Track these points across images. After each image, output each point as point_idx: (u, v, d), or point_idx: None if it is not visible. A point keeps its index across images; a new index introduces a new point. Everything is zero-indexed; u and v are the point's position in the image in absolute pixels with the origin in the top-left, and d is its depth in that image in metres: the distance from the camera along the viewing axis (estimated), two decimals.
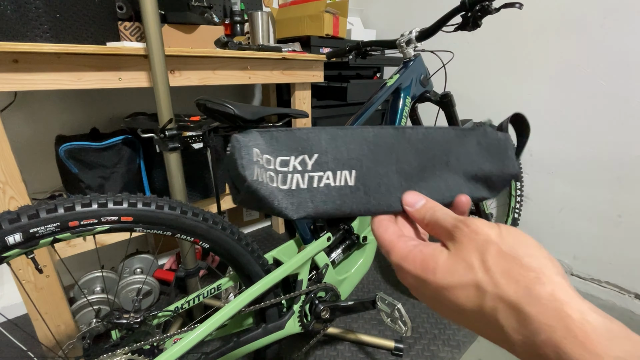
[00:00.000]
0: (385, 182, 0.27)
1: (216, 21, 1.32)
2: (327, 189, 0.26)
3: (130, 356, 0.66)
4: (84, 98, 1.25)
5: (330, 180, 0.26)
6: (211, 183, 1.26)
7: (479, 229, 0.21)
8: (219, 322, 0.71)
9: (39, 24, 0.79)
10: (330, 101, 1.55)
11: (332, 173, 0.26)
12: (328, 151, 0.26)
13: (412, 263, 0.23)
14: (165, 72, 0.89)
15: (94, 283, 1.16)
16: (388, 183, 0.27)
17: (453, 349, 1.08)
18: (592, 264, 1.35)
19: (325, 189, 0.26)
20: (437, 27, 0.82)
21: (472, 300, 0.20)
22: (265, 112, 0.81)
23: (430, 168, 0.29)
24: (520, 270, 0.19)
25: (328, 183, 0.26)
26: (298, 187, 0.26)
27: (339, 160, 0.26)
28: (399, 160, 0.28)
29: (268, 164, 0.25)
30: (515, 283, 0.18)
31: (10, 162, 0.78)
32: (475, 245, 0.20)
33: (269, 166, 0.25)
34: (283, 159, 0.26)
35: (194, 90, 1.49)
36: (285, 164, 0.26)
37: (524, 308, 0.18)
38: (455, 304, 0.21)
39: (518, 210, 1.45)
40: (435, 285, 0.21)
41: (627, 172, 1.20)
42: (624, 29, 1.12)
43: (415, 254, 0.23)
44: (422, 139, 0.29)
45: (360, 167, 0.27)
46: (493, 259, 0.19)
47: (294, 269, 0.82)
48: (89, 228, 0.53)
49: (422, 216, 0.26)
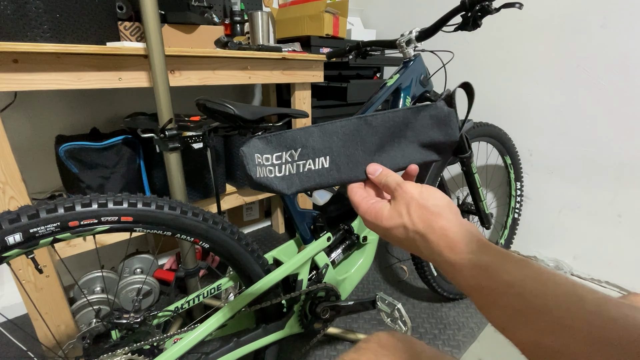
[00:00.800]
0: (352, 160, 0.38)
1: (216, 21, 1.32)
2: (310, 172, 0.38)
3: (130, 356, 0.66)
4: (84, 98, 1.25)
5: (311, 166, 0.37)
6: (211, 183, 1.26)
7: (408, 190, 0.33)
8: (219, 322, 0.71)
9: (39, 24, 0.79)
10: (330, 101, 1.55)
11: (312, 160, 0.37)
12: (308, 145, 0.37)
13: (369, 215, 0.36)
14: (165, 72, 0.89)
15: (94, 283, 1.16)
16: (355, 160, 0.38)
17: (453, 349, 1.08)
18: (592, 264, 1.35)
19: (308, 172, 0.38)
20: (437, 27, 0.82)
21: (402, 234, 0.33)
22: (265, 112, 0.81)
23: (389, 143, 0.39)
24: (428, 214, 0.31)
25: (310, 168, 0.37)
26: (290, 172, 0.37)
27: (316, 150, 0.37)
28: (363, 141, 0.38)
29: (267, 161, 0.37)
30: (424, 222, 0.31)
31: (10, 162, 0.78)
32: (404, 201, 0.33)
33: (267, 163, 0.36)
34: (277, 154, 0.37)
35: (194, 90, 1.49)
36: (279, 157, 0.37)
37: (427, 235, 0.31)
38: (395, 237, 0.34)
39: (518, 210, 1.45)
40: (383, 227, 0.34)
41: (627, 172, 1.20)
42: (624, 29, 1.12)
43: (372, 209, 0.36)
44: (380, 122, 0.38)
45: (332, 152, 0.38)
46: (414, 209, 0.32)
47: (294, 269, 0.82)
48: (89, 228, 0.53)
49: (379, 181, 0.38)
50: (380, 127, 0.38)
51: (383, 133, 0.38)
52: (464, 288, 0.29)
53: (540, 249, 1.50)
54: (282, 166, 0.37)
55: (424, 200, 0.32)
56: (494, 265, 0.27)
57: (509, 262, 0.27)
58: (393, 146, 0.39)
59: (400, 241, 0.34)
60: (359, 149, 0.38)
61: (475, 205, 1.25)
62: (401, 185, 0.34)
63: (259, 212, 1.87)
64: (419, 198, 0.32)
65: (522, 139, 1.42)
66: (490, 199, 1.61)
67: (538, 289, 0.24)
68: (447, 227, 0.30)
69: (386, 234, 0.35)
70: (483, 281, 0.27)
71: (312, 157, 0.37)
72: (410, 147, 0.39)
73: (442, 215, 0.31)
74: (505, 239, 1.46)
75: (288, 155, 0.37)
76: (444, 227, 0.30)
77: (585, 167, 1.29)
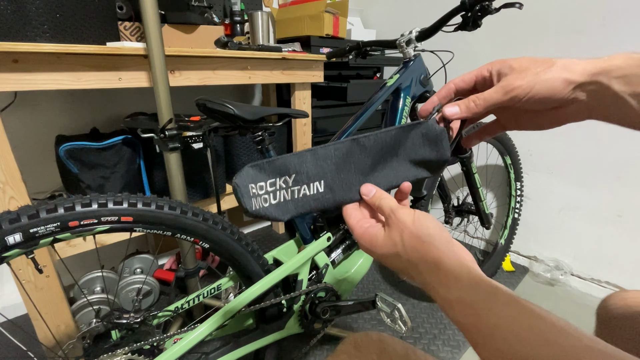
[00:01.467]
0: (347, 182, 0.38)
1: (216, 21, 1.32)
2: (305, 198, 0.38)
3: (130, 356, 0.66)
4: (84, 98, 1.25)
5: (306, 191, 0.37)
6: (211, 183, 1.26)
7: (401, 218, 0.33)
8: (219, 322, 0.71)
9: (39, 24, 0.79)
10: (330, 101, 1.55)
11: (307, 186, 0.37)
12: (301, 170, 0.37)
13: (364, 240, 0.35)
14: (165, 72, 0.89)
15: (94, 283, 1.16)
16: (349, 182, 0.38)
17: (453, 349, 1.08)
18: (592, 264, 1.35)
19: (303, 198, 0.37)
20: (437, 27, 0.82)
21: (396, 262, 0.33)
22: (265, 112, 0.81)
23: (382, 162, 0.39)
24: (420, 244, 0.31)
25: (305, 193, 0.37)
26: (285, 199, 0.37)
27: (310, 175, 0.37)
28: (356, 163, 0.38)
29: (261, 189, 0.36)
30: (417, 252, 0.31)
31: (10, 162, 0.78)
32: (398, 230, 0.33)
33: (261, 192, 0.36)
34: (271, 181, 0.37)
35: (194, 90, 1.49)
36: (273, 184, 0.37)
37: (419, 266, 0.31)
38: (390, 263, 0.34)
39: (518, 210, 1.45)
40: (378, 254, 0.34)
41: (627, 172, 1.20)
42: (625, 29, 1.12)
43: (366, 234, 0.35)
44: (373, 143, 0.38)
45: (326, 177, 0.38)
46: (407, 238, 0.32)
47: (294, 269, 0.82)
48: (89, 228, 0.53)
49: (372, 202, 0.37)
50: (373, 148, 0.38)
51: (376, 153, 0.38)
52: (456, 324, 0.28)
53: (540, 249, 1.50)
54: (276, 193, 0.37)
55: (416, 229, 0.31)
56: (482, 304, 0.26)
57: (497, 301, 0.26)
58: (385, 166, 0.39)
59: (396, 267, 0.34)
60: (353, 171, 0.38)
61: (475, 205, 1.25)
62: (395, 212, 0.33)
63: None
64: (411, 227, 0.32)
65: (522, 139, 1.42)
66: (490, 199, 1.61)
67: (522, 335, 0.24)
68: (439, 259, 0.29)
69: (381, 259, 0.35)
70: (471, 320, 0.26)
71: (307, 182, 0.37)
72: (402, 165, 0.40)
73: (434, 245, 0.30)
74: (505, 239, 1.46)
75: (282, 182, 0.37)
76: (435, 258, 0.30)
77: (585, 167, 1.29)
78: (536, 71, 0.31)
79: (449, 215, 1.30)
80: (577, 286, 1.38)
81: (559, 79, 0.31)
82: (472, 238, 1.72)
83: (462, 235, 1.74)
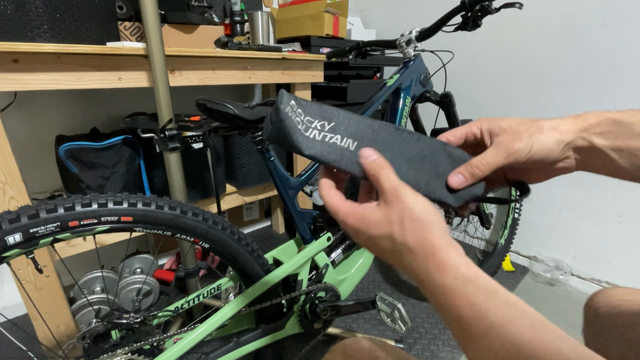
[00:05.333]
0: None
1: (216, 21, 1.32)
2: (334, 145, 0.34)
3: (130, 356, 0.66)
4: (84, 98, 1.25)
5: (337, 141, 0.34)
6: (211, 183, 1.26)
7: (405, 198, 0.30)
8: (219, 322, 0.71)
9: (39, 24, 0.79)
10: (330, 101, 1.55)
11: (341, 137, 0.35)
12: (342, 123, 0.35)
13: (354, 218, 0.32)
14: (165, 72, 0.89)
15: (94, 283, 1.16)
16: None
17: (453, 349, 1.08)
18: (592, 264, 1.35)
19: (332, 144, 0.34)
20: (437, 27, 0.82)
21: (388, 244, 0.30)
22: (265, 112, 0.81)
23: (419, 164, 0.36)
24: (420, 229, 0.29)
25: (335, 142, 0.34)
26: (314, 137, 0.34)
27: (348, 131, 0.35)
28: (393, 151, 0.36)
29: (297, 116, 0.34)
30: (415, 236, 0.29)
31: (10, 162, 0.78)
32: (398, 209, 0.30)
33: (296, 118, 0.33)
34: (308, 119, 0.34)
35: (194, 90, 1.49)
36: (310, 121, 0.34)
37: (415, 251, 0.28)
38: (379, 245, 0.31)
39: (518, 210, 1.45)
40: (368, 234, 0.31)
41: None
42: (625, 29, 1.12)
43: (357, 212, 0.32)
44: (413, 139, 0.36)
45: (362, 141, 0.35)
46: (406, 220, 0.29)
47: (294, 269, 0.82)
48: (89, 228, 0.53)
49: (369, 168, 0.33)
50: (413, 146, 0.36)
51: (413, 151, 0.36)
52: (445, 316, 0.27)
53: (540, 249, 1.50)
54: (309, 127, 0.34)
55: (418, 212, 0.29)
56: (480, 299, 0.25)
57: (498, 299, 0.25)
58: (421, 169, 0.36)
59: (384, 252, 0.31)
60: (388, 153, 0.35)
61: (476, 206, 1.25)
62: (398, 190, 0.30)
63: (259, 212, 1.87)
64: (413, 208, 0.29)
65: None
66: None
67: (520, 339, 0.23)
68: (438, 245, 0.28)
69: (369, 242, 0.32)
70: (465, 313, 0.25)
71: (343, 134, 0.35)
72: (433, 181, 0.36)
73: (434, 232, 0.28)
74: (505, 239, 1.46)
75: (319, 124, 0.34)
76: (434, 244, 0.28)
77: None
78: (530, 133, 0.34)
79: (448, 215, 1.30)
80: (577, 286, 1.38)
81: (552, 139, 0.33)
82: (472, 238, 1.72)
83: (462, 235, 1.74)
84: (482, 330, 0.24)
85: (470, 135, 0.38)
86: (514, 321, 0.24)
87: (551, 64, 1.30)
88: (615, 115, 0.32)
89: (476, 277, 0.26)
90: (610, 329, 0.50)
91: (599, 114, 0.33)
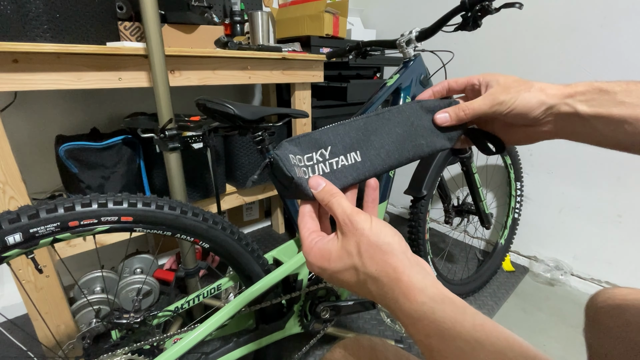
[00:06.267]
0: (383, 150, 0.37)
1: (216, 21, 1.32)
2: (344, 168, 0.36)
3: (130, 356, 0.66)
4: (84, 98, 1.25)
5: (344, 162, 0.36)
6: (211, 183, 1.26)
7: (358, 225, 0.29)
8: (219, 322, 0.71)
9: (39, 24, 0.79)
10: (330, 101, 1.55)
11: (344, 156, 0.36)
12: (336, 142, 0.36)
13: (314, 256, 0.30)
14: (165, 72, 0.89)
15: (94, 283, 1.16)
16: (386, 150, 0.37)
17: None
18: (592, 264, 1.35)
19: (342, 169, 0.36)
20: (437, 27, 0.82)
21: (353, 277, 0.29)
22: (265, 112, 0.81)
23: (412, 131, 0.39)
24: (380, 254, 0.27)
25: (343, 164, 0.36)
26: (324, 172, 0.35)
27: (346, 146, 0.36)
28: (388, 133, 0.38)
29: (300, 162, 0.34)
30: (375, 264, 0.27)
31: (10, 162, 0.78)
32: (354, 238, 0.28)
33: (301, 164, 0.34)
34: (308, 156, 0.35)
35: (194, 90, 1.49)
36: (310, 158, 0.35)
37: (380, 279, 0.27)
38: (344, 280, 0.30)
39: (518, 210, 1.45)
40: (331, 270, 0.30)
41: (627, 172, 1.20)
42: (624, 29, 1.12)
43: (316, 249, 0.31)
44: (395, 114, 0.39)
45: (361, 146, 0.37)
46: (364, 248, 0.28)
47: (294, 269, 0.82)
48: (89, 228, 0.53)
49: (321, 198, 0.32)
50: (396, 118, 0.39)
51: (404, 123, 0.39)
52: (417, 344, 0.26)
53: (540, 249, 1.50)
54: (314, 167, 0.35)
55: (375, 237, 0.28)
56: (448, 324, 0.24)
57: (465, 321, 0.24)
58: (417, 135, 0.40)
59: (350, 285, 0.30)
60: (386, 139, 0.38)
61: (475, 205, 1.25)
62: (350, 218, 0.29)
63: (259, 212, 1.87)
64: (369, 234, 0.28)
65: None
66: (490, 199, 1.61)
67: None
68: (401, 269, 0.27)
69: (333, 277, 0.30)
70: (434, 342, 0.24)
71: (343, 153, 0.36)
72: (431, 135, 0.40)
73: (394, 255, 0.27)
74: (505, 239, 1.46)
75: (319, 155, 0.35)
76: (397, 267, 0.27)
77: (585, 167, 1.29)
78: (518, 89, 0.36)
79: (449, 215, 1.30)
80: (577, 286, 1.38)
81: (534, 98, 0.35)
82: (472, 238, 1.72)
83: (462, 235, 1.74)
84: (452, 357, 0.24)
85: (470, 84, 0.41)
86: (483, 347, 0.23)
87: (551, 64, 1.30)
88: (602, 85, 0.33)
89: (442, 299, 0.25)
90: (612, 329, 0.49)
91: (587, 84, 0.34)
